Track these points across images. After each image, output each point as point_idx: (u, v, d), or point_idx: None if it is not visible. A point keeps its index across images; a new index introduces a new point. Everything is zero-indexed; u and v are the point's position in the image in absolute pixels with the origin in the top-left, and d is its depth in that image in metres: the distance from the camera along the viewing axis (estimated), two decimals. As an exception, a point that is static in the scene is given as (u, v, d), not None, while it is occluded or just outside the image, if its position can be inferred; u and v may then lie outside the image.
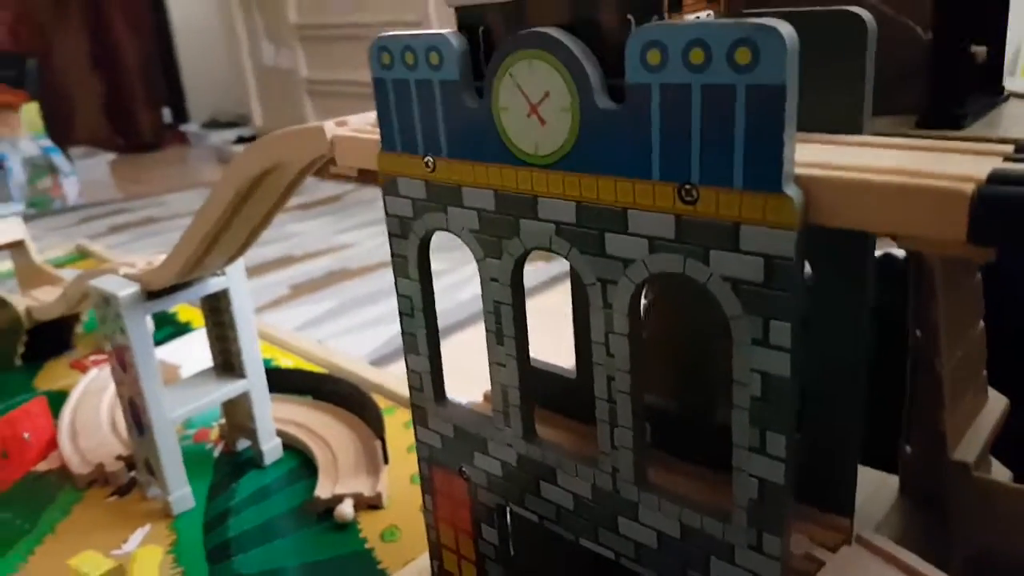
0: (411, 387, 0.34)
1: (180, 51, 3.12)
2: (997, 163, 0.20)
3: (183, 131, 3.06)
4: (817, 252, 0.25)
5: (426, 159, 0.29)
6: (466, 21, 0.27)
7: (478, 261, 0.29)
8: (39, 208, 2.00)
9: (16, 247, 0.80)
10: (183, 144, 3.06)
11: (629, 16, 0.22)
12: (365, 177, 0.34)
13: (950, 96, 0.27)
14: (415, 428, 0.35)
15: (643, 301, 0.29)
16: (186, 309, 0.87)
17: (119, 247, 1.39)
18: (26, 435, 0.59)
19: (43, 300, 0.69)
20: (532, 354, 0.31)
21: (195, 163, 2.85)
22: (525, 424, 0.30)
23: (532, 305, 0.31)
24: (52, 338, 0.76)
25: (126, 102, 2.97)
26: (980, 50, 0.28)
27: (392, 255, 0.32)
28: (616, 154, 0.23)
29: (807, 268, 0.24)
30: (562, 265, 1.04)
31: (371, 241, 1.44)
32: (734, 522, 0.24)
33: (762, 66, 0.19)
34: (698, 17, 0.24)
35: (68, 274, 0.75)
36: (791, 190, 0.20)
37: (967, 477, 0.28)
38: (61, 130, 2.59)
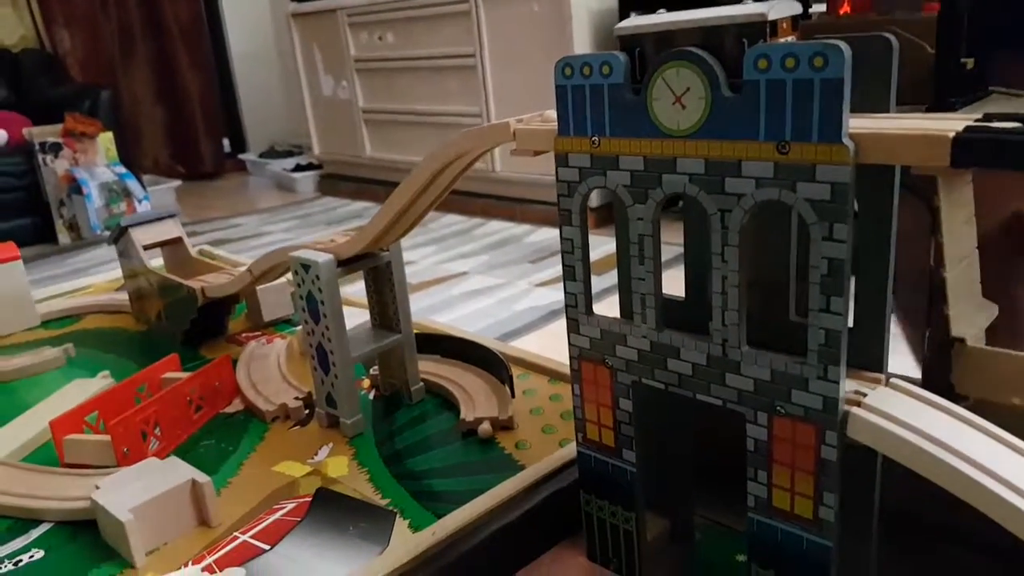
0: (568, 305, 0.49)
1: (239, 84, 3.34)
2: (970, 123, 0.34)
3: (242, 159, 3.27)
4: (861, 187, 0.39)
5: (592, 138, 0.43)
6: (626, 44, 0.42)
7: (628, 207, 0.43)
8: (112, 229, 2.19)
9: (174, 243, 0.96)
10: (242, 172, 3.26)
11: (744, 40, 0.37)
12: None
13: (948, 91, 0.41)
14: (568, 336, 0.49)
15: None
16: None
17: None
18: (217, 383, 0.73)
19: (211, 282, 0.84)
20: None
21: (255, 190, 3.04)
22: (657, 320, 0.44)
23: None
24: (210, 323, 0.91)
25: (188, 133, 3.19)
26: (969, 61, 0.42)
27: (559, 210, 0.47)
28: (734, 125, 0.37)
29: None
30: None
31: (427, 260, 1.59)
32: (808, 362, 0.38)
33: (830, 68, 0.33)
34: (787, 40, 0.38)
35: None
36: (847, 141, 0.34)
37: (963, 347, 0.42)
38: (130, 159, 2.79)
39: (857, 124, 0.35)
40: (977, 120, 0.34)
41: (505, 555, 0.53)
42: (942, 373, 0.43)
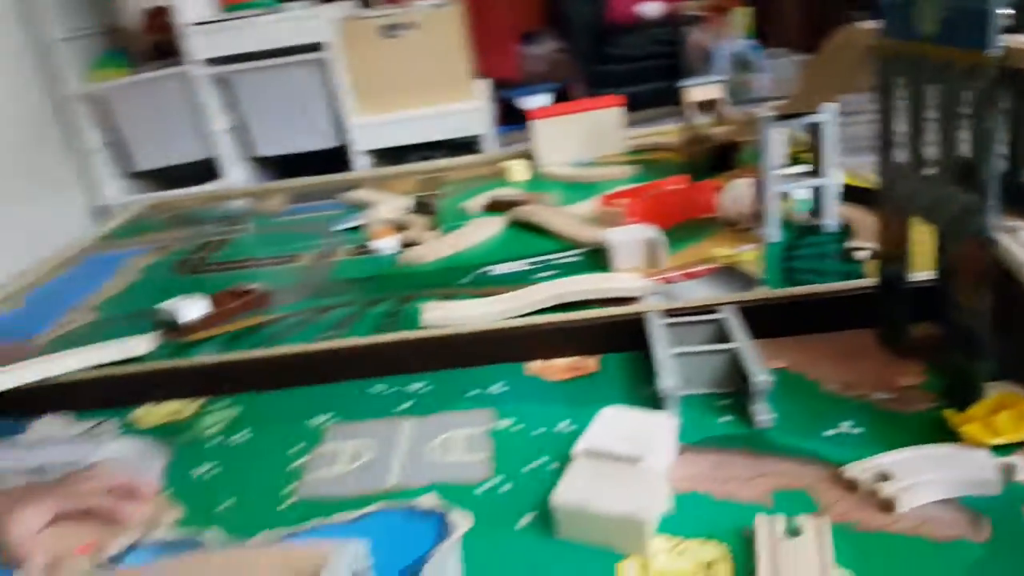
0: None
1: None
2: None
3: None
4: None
5: (897, 42, 0.64)
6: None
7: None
8: (735, 98, 2.63)
9: (712, 104, 1.33)
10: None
11: None
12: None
13: None
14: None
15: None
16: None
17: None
18: (698, 197, 1.10)
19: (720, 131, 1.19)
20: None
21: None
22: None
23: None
24: (723, 162, 1.26)
25: (824, 7, 3.39)
26: None
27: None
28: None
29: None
30: None
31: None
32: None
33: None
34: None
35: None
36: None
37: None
38: (764, 33, 3.15)
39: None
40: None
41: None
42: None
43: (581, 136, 1.47)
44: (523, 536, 0.53)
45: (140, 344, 0.90)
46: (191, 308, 0.95)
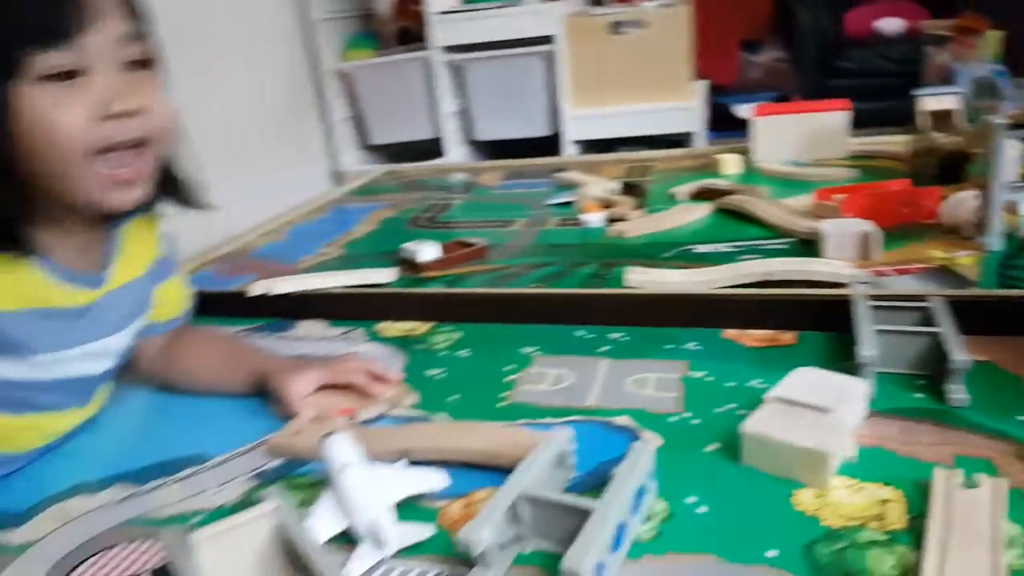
0: None
1: None
2: None
3: None
4: None
5: None
6: None
7: None
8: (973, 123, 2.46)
9: (947, 116, 1.29)
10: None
11: None
12: None
13: None
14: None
15: None
16: None
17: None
18: (921, 201, 1.08)
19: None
20: None
21: None
22: None
23: None
24: (951, 172, 1.22)
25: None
26: None
27: None
28: None
29: None
30: None
31: None
32: None
33: None
34: None
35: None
36: None
37: None
38: (1012, 59, 2.92)
39: None
40: None
41: None
42: None
43: (802, 137, 1.47)
44: (709, 459, 0.60)
45: (385, 274, 1.05)
46: (427, 250, 1.09)
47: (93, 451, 0.72)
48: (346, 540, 0.53)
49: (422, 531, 0.53)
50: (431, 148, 2.71)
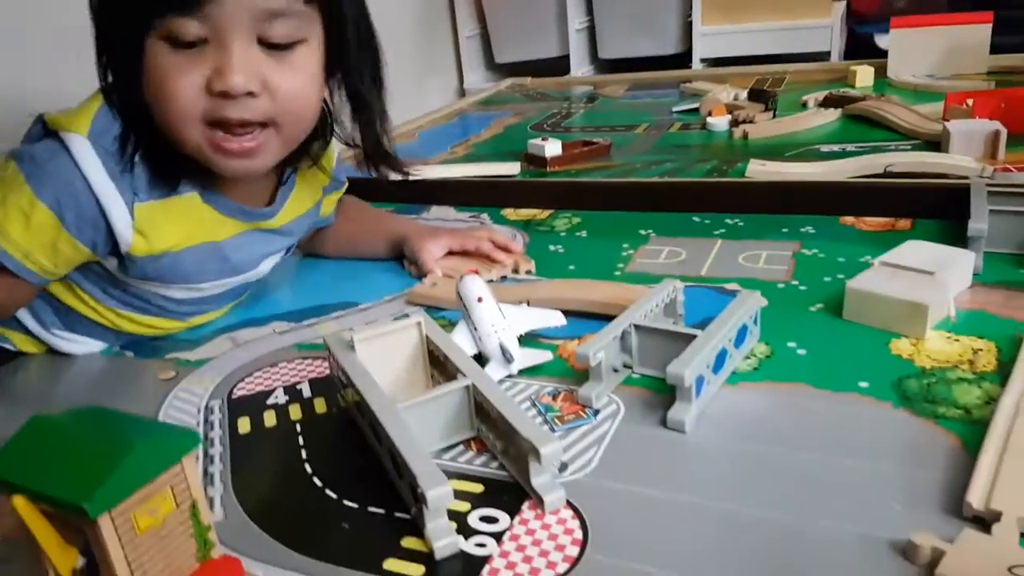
0: None
1: None
2: None
3: None
4: None
5: None
6: None
7: None
8: None
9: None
10: None
11: None
12: None
13: None
14: None
15: None
16: None
17: None
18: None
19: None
20: None
21: None
22: None
23: None
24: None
25: None
26: None
27: None
28: None
29: None
30: None
31: None
32: None
33: None
34: None
35: None
36: None
37: None
38: None
39: None
40: None
41: None
42: None
43: (941, 51, 1.41)
44: (813, 315, 0.64)
45: (511, 166, 1.12)
46: (551, 147, 1.15)
47: (256, 297, 0.83)
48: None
49: (543, 355, 0.60)
50: (556, 66, 2.72)
